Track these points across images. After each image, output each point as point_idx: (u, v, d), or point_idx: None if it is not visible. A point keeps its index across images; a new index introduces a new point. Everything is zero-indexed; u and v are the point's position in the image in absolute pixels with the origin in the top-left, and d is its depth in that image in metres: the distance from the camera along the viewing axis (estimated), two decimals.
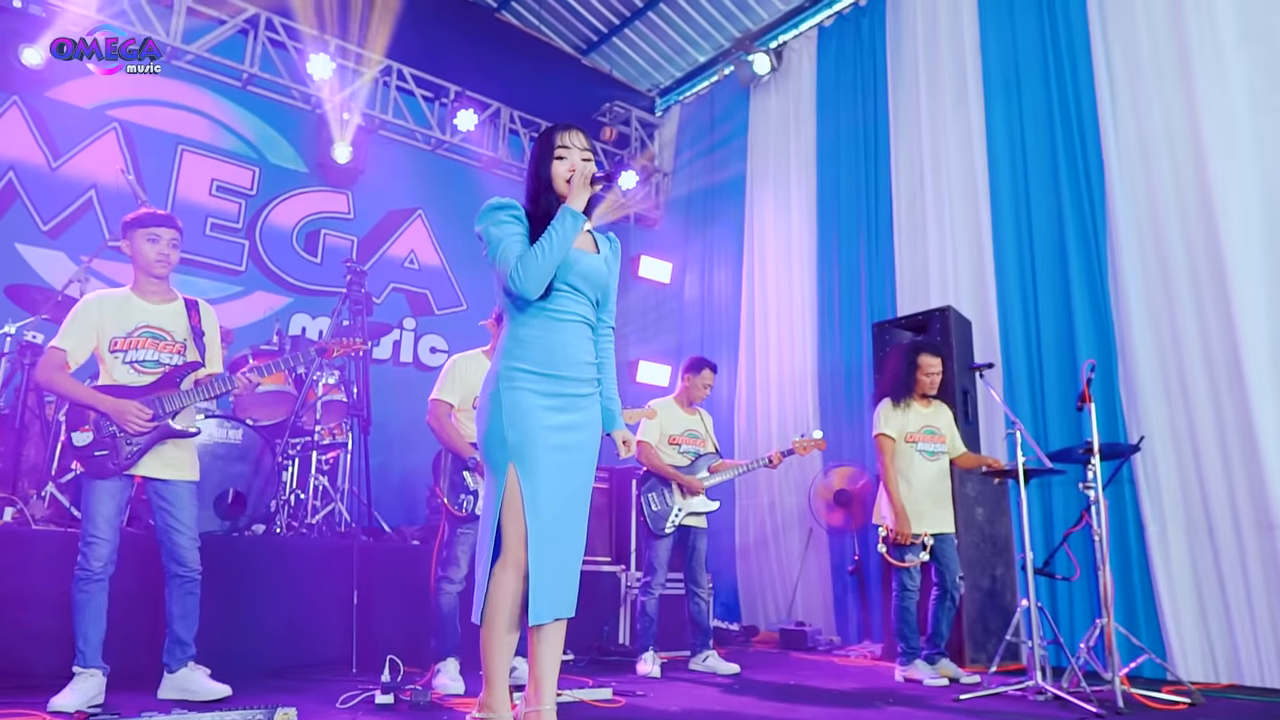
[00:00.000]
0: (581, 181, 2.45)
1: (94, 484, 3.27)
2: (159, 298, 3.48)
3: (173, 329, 3.47)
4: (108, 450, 3.26)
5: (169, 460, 3.38)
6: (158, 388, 3.37)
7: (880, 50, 7.25)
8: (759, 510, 7.44)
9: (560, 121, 2.62)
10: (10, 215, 5.83)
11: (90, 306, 3.39)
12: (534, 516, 2.32)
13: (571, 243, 2.42)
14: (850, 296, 7.01)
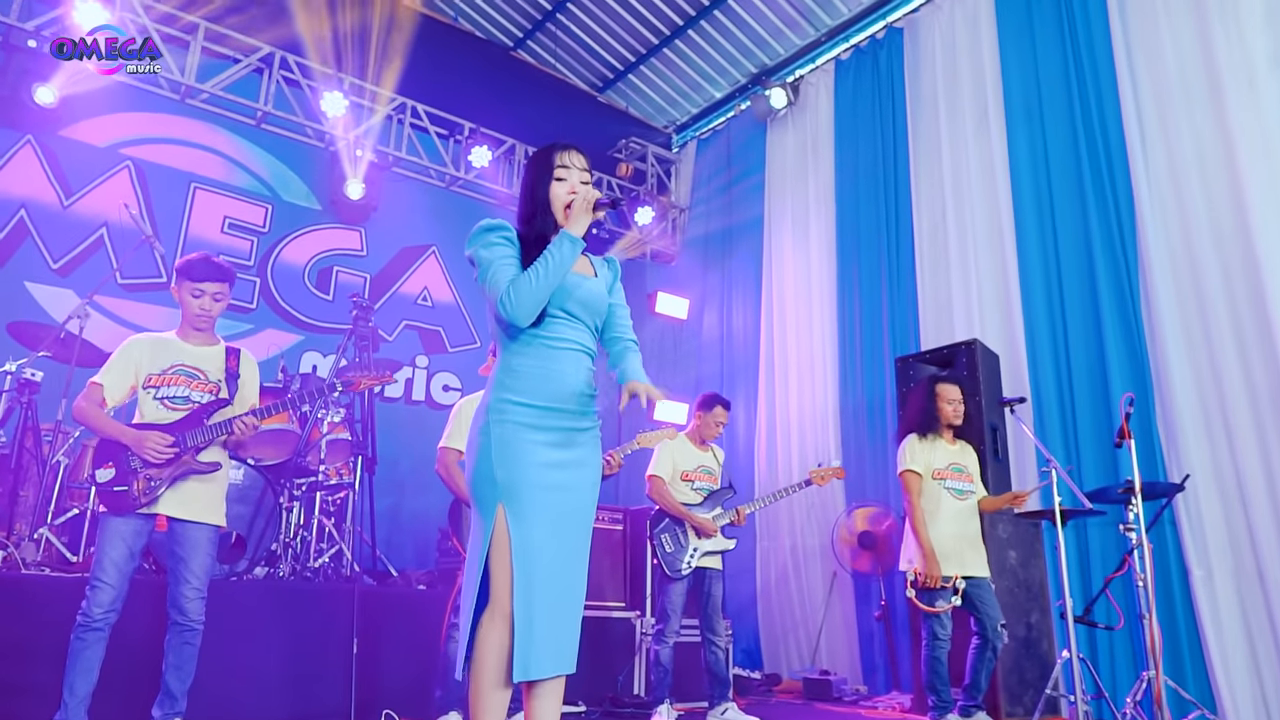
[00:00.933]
0: (584, 207, 2.31)
1: (107, 524, 3.14)
2: (200, 341, 3.45)
3: (208, 369, 3.41)
4: (127, 485, 3.15)
5: (191, 499, 3.25)
6: (184, 425, 3.27)
7: (898, 82, 7.16)
8: (780, 552, 7.19)
9: (559, 141, 2.48)
10: (20, 253, 5.80)
11: (133, 345, 3.38)
12: (523, 563, 2.13)
13: (567, 269, 2.26)
14: (872, 331, 6.82)
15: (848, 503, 6.39)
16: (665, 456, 4.72)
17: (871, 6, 7.61)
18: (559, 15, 8.56)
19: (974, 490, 4.43)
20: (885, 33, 7.44)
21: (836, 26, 7.92)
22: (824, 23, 7.96)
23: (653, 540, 4.59)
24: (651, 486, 4.66)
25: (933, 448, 4.46)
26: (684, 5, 8.16)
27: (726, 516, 4.70)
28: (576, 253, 2.27)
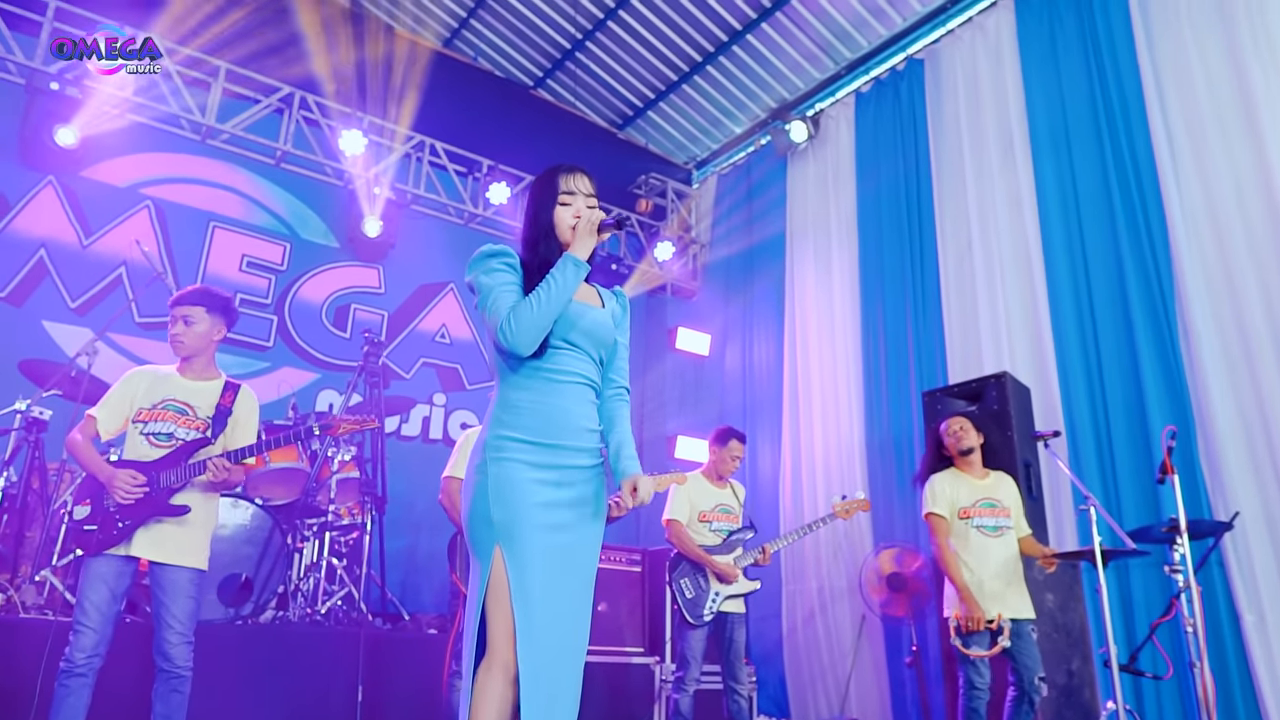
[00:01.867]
0: (587, 229, 2.21)
1: (88, 565, 3.06)
2: (196, 375, 3.37)
3: (199, 405, 3.31)
4: (97, 524, 3.07)
5: (166, 540, 3.14)
6: (164, 463, 3.19)
7: (920, 113, 7.06)
8: (807, 595, 6.96)
9: (564, 163, 2.38)
10: (39, 293, 5.81)
11: (133, 377, 3.32)
12: (523, 609, 1.99)
13: (571, 294, 2.16)
14: (898, 364, 6.65)
15: (875, 542, 6.17)
16: (681, 497, 4.55)
17: (891, 39, 7.56)
18: (578, 54, 8.60)
19: (1010, 526, 4.20)
20: (905, 64, 7.37)
21: (856, 59, 7.87)
22: (843, 56, 7.92)
23: (672, 585, 4.41)
24: (670, 531, 4.49)
25: (956, 485, 4.27)
26: (702, 42, 8.16)
27: (749, 557, 4.51)
28: (580, 277, 2.17)
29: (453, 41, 8.81)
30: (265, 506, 4.43)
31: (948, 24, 7.12)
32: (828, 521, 4.77)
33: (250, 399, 3.46)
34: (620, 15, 8.08)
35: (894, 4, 7.33)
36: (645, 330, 8.80)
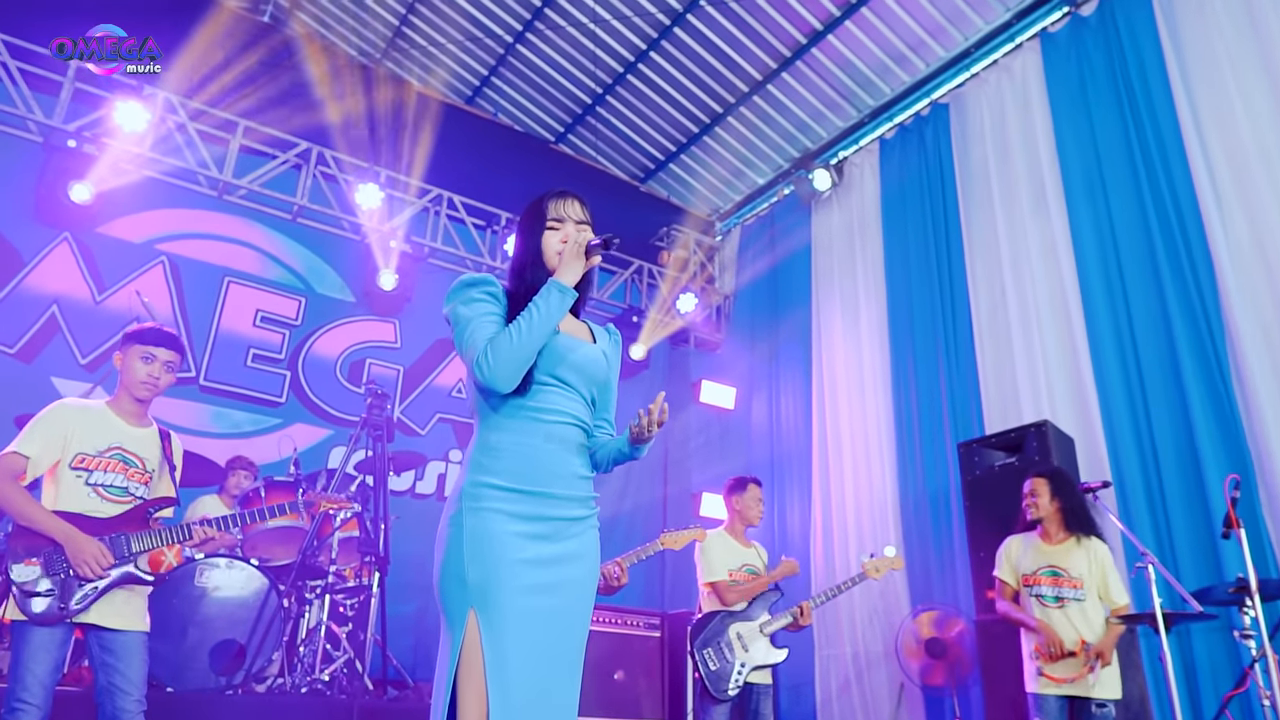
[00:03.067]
0: (575, 251, 2.00)
1: (30, 634, 2.74)
2: (135, 419, 3.07)
3: (146, 456, 3.05)
4: (55, 592, 2.76)
5: (121, 608, 2.90)
6: (125, 522, 2.94)
7: (946, 158, 6.89)
8: (841, 662, 6.56)
9: (555, 189, 2.20)
10: (49, 349, 5.75)
11: (63, 411, 2.96)
12: (499, 685, 1.73)
13: (556, 323, 1.95)
14: (931, 416, 6.35)
15: (913, 605, 5.81)
16: (714, 556, 4.26)
17: (916, 84, 7.43)
18: (599, 108, 8.58)
19: (1076, 598, 3.84)
20: (930, 109, 7.22)
21: (880, 106, 7.74)
22: (866, 104, 7.80)
23: (694, 655, 4.07)
24: (718, 593, 4.22)
25: (1025, 549, 4.00)
26: (723, 93, 8.11)
27: (779, 621, 4.18)
28: (566, 304, 1.96)
29: (474, 99, 8.85)
30: (263, 567, 4.22)
31: (972, 68, 6.98)
32: (858, 581, 4.46)
33: (179, 448, 3.24)
34: (640, 69, 8.06)
35: (917, 50, 7.22)
36: (668, 383, 8.58)
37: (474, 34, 8.20)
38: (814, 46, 7.40)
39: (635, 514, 7.54)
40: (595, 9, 7.61)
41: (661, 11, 7.48)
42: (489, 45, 8.29)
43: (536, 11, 7.79)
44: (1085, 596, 3.85)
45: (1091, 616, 3.82)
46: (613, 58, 8.04)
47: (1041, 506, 4.00)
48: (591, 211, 2.18)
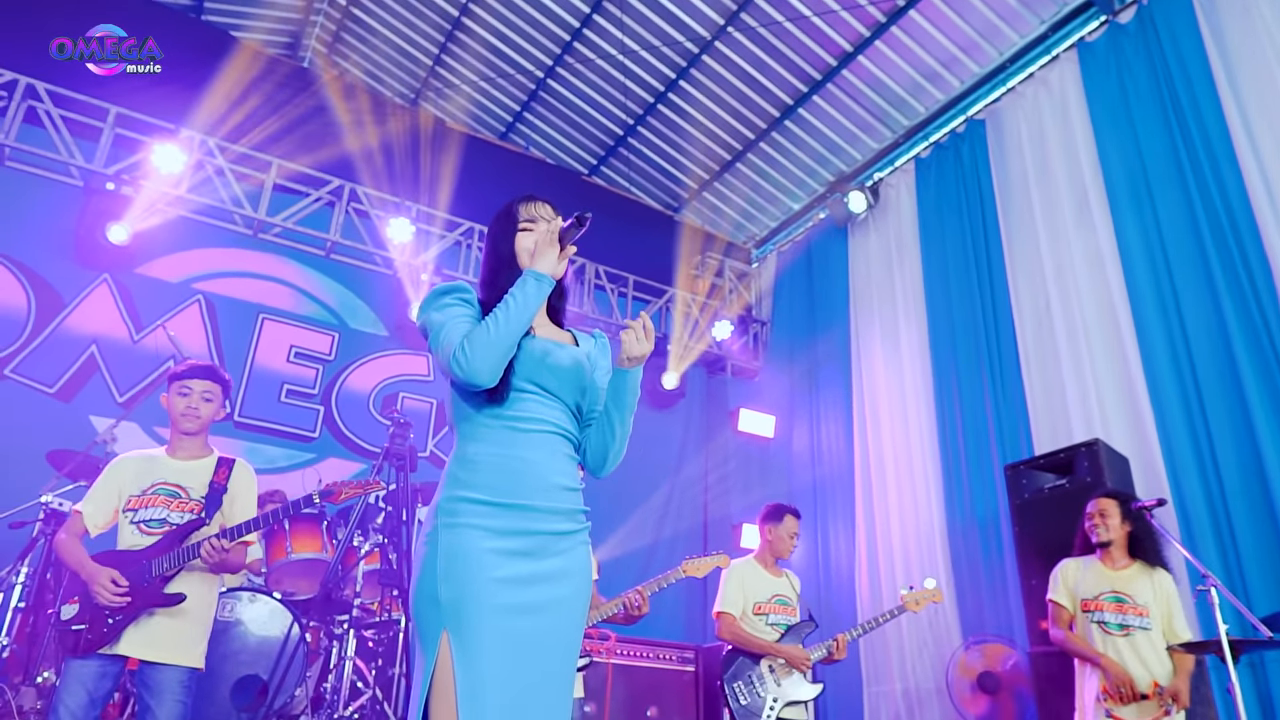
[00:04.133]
0: (548, 239, 1.90)
1: (68, 667, 2.81)
2: (188, 454, 3.17)
3: (191, 486, 3.10)
4: (86, 623, 2.83)
5: (158, 636, 2.88)
6: (157, 550, 2.96)
7: (984, 174, 6.72)
8: (890, 699, 6.27)
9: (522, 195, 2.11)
10: (88, 388, 5.82)
11: (116, 466, 3.14)
12: (472, 710, 1.60)
13: (533, 312, 1.84)
14: (977, 438, 6.11)
15: (964, 637, 5.53)
16: (734, 587, 4.05)
17: (950, 102, 7.30)
18: (631, 139, 8.59)
19: (1144, 626, 3.58)
20: (966, 126, 7.08)
21: (914, 126, 7.61)
22: (900, 124, 7.68)
23: (724, 689, 3.87)
24: (721, 625, 3.99)
25: (1083, 572, 3.74)
26: (754, 119, 8.05)
27: (813, 654, 3.97)
28: (543, 293, 1.86)
29: (508, 135, 8.92)
30: (287, 601, 4.14)
31: (1008, 82, 6.84)
32: (896, 614, 4.23)
33: (247, 473, 3.25)
34: (670, 98, 8.05)
35: (950, 67, 7.10)
36: (706, 412, 8.44)
37: (505, 70, 8.29)
38: (844, 68, 7.32)
39: (675, 542, 7.37)
40: (624, 40, 7.64)
41: (690, 40, 7.47)
42: (521, 81, 8.37)
43: (566, 45, 7.85)
44: (1152, 626, 3.59)
45: (1160, 648, 3.56)
46: (643, 88, 8.04)
47: (1112, 529, 3.74)
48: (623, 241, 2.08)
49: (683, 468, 8.03)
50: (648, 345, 1.90)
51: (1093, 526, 3.77)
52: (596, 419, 1.98)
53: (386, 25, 8.40)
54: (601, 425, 1.97)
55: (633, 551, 7.05)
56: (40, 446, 4.73)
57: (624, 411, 1.97)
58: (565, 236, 1.92)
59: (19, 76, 5.88)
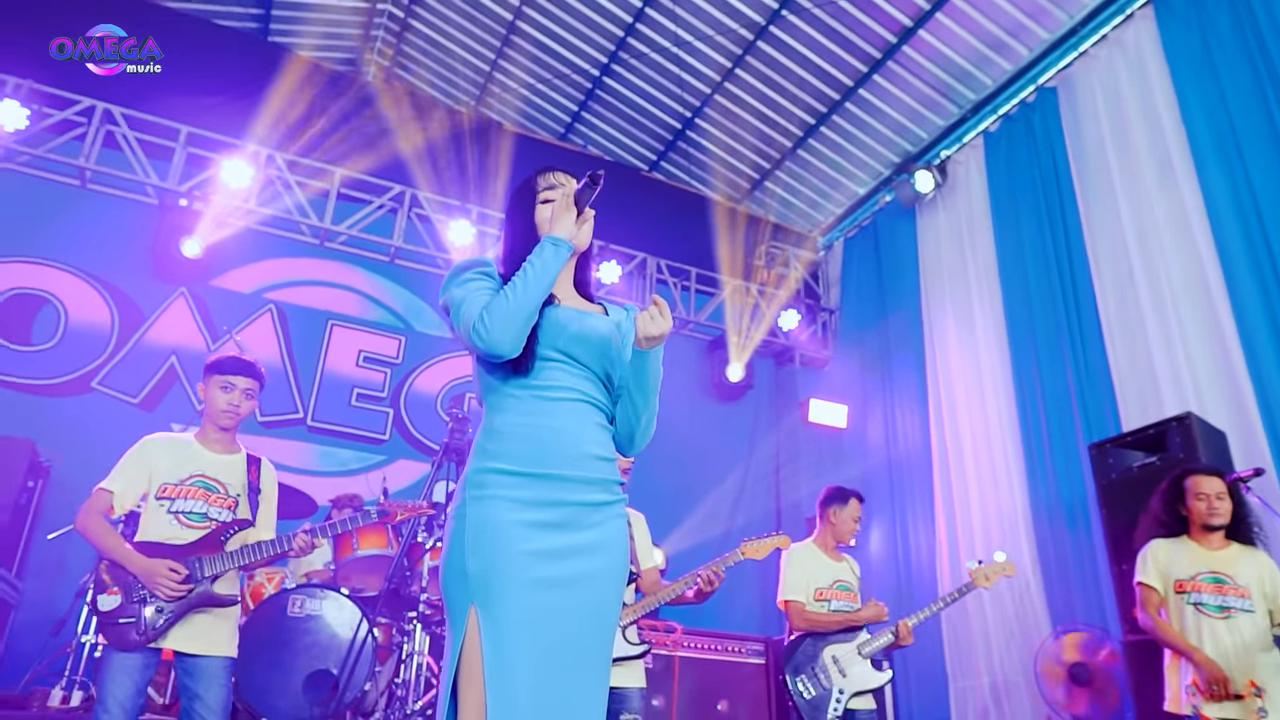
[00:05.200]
0: (564, 203, 1.84)
1: (112, 658, 2.82)
2: (222, 448, 3.16)
3: (229, 481, 3.11)
4: (133, 618, 2.83)
5: (201, 632, 2.92)
6: (200, 547, 2.97)
7: (1058, 144, 6.43)
8: (978, 693, 6.01)
9: None
10: (170, 397, 6.03)
11: (147, 446, 3.07)
12: (500, 691, 1.54)
13: (553, 276, 1.78)
14: (1060, 418, 5.83)
15: (1053, 626, 5.27)
16: (796, 572, 3.88)
17: (1018, 72, 6.99)
18: (689, 132, 8.50)
19: (1245, 608, 3.32)
20: (1036, 95, 6.79)
21: (981, 100, 7.32)
22: (967, 98, 7.39)
23: (787, 683, 3.70)
24: (791, 614, 3.83)
25: (1176, 551, 3.47)
26: (814, 103, 7.87)
27: (879, 640, 3.80)
28: (561, 257, 1.79)
29: (566, 135, 8.94)
30: (355, 597, 4.19)
31: (1080, 46, 6.52)
32: (965, 592, 4.03)
33: (272, 473, 3.27)
34: (727, 88, 7.94)
35: (1017, 35, 6.80)
36: (775, 404, 8.28)
37: (561, 70, 8.31)
38: (905, 44, 7.09)
39: (748, 529, 7.23)
40: (677, 32, 7.56)
41: (743, 26, 7.35)
42: (576, 80, 8.38)
43: (620, 42, 7.81)
44: (1255, 608, 3.32)
45: (1265, 632, 3.29)
46: (699, 79, 7.95)
47: (1226, 512, 3.47)
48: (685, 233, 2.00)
49: (753, 459, 7.90)
50: (665, 324, 1.81)
51: (1211, 510, 3.47)
52: (622, 396, 1.91)
53: (443, 34, 8.51)
54: (625, 404, 1.89)
55: (705, 541, 6.94)
56: None
57: (647, 392, 1.89)
58: (581, 199, 1.86)
59: (96, 102, 6.14)
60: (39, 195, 6.07)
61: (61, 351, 5.87)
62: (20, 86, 5.88)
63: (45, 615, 4.86)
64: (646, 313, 1.81)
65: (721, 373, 7.72)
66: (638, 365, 1.86)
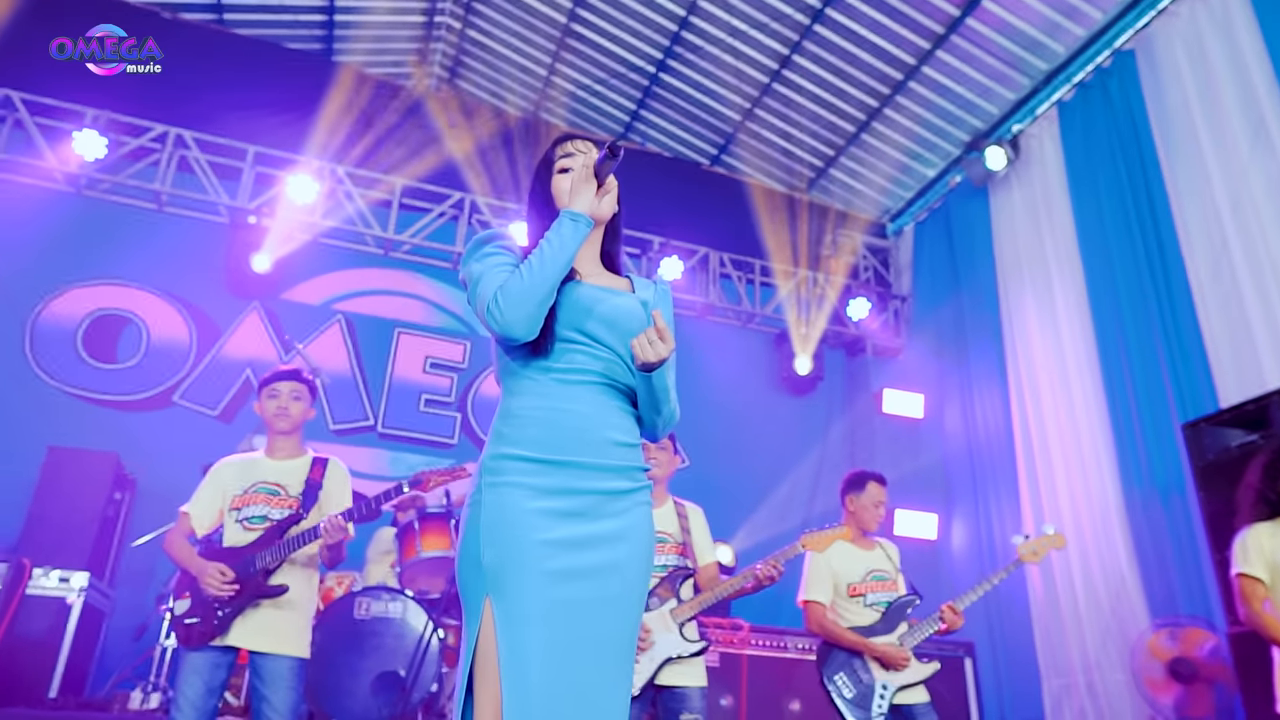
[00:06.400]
0: (582, 175, 1.75)
1: (184, 659, 2.98)
2: (285, 455, 3.31)
3: (288, 484, 3.23)
4: (198, 617, 2.98)
5: (265, 627, 3.00)
6: (259, 545, 3.09)
7: (1138, 110, 6.09)
8: (1075, 693, 5.70)
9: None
10: (247, 408, 6.21)
11: (219, 469, 3.30)
12: (515, 682, 1.47)
13: (571, 254, 1.69)
14: (1152, 398, 5.50)
15: (1151, 619, 4.95)
16: (818, 572, 3.65)
17: (1092, 36, 6.64)
18: (749, 123, 8.35)
19: None
20: (1113, 60, 6.44)
21: (1053, 69, 6.98)
22: (1037, 69, 7.06)
23: (826, 686, 3.50)
24: (808, 617, 3.61)
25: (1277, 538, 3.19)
26: (877, 85, 7.63)
27: (923, 631, 3.55)
28: (580, 233, 1.71)
29: (626, 135, 8.90)
30: (421, 599, 4.21)
31: (1158, 4, 6.15)
32: (1016, 567, 3.78)
33: (340, 471, 3.35)
34: (785, 75, 7.77)
35: None
36: (847, 395, 8.06)
37: (617, 70, 8.28)
38: (969, 16, 6.81)
39: (825, 519, 7.04)
40: (731, 22, 7.44)
41: (798, 11, 7.19)
42: (633, 79, 8.33)
43: (675, 36, 7.73)
44: None
45: None
46: (756, 69, 7.81)
47: None
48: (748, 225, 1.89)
49: (828, 451, 7.70)
50: (662, 349, 1.67)
51: None
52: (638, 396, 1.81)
53: (499, 41, 8.57)
54: (641, 405, 1.80)
55: (781, 534, 6.75)
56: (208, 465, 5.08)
57: (658, 406, 1.78)
58: (601, 171, 1.77)
59: (169, 128, 6.38)
60: (119, 220, 6.35)
61: (144, 368, 6.12)
62: (98, 117, 6.15)
63: (136, 622, 5.06)
64: (644, 336, 1.68)
65: (790, 366, 7.56)
66: (642, 386, 1.75)
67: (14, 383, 5.77)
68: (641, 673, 3.01)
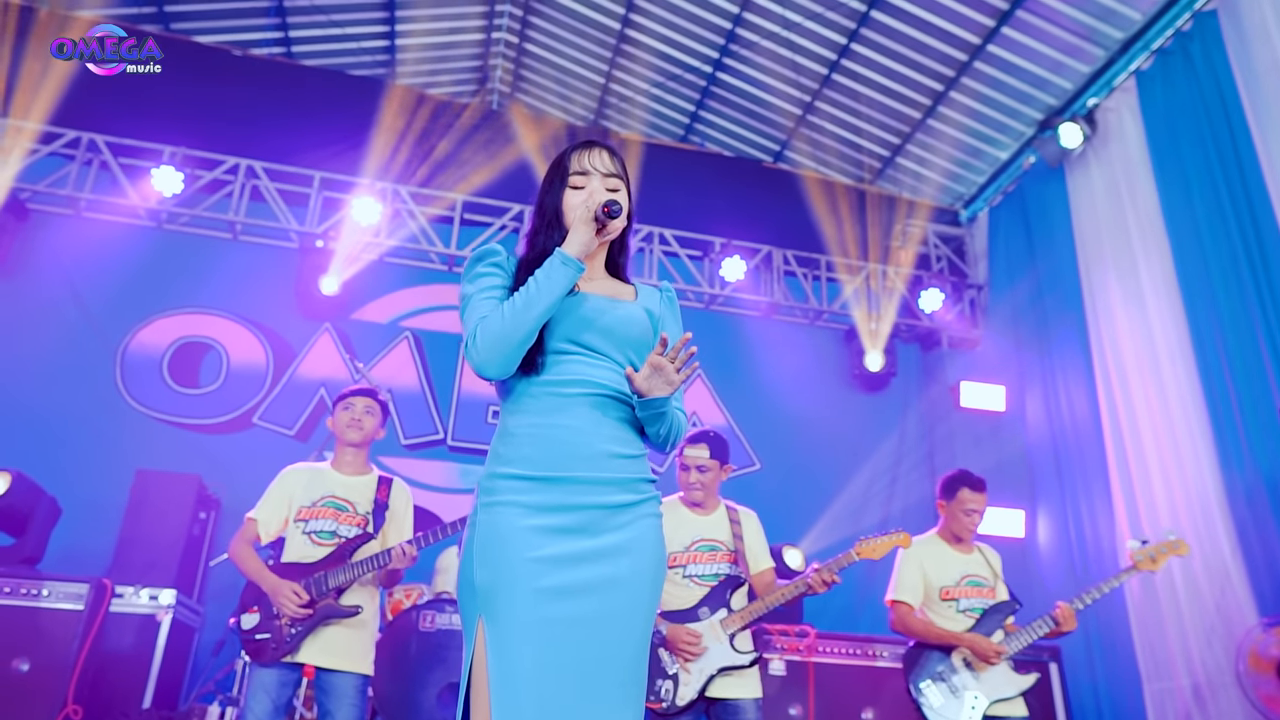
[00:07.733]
0: (584, 216, 1.70)
1: (254, 675, 3.05)
2: (352, 470, 3.37)
3: (357, 501, 3.29)
4: (269, 634, 3.04)
5: (334, 645, 3.06)
6: (328, 562, 3.15)
7: (1224, 73, 5.71)
8: (1179, 696, 5.36)
9: (581, 141, 1.92)
10: (322, 426, 6.38)
11: (286, 475, 3.35)
12: (504, 704, 1.44)
13: (555, 299, 1.66)
14: (1251, 383, 5.14)
15: (1261, 617, 4.62)
16: (910, 571, 3.53)
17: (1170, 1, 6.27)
18: (810, 117, 8.19)
19: None
20: (1193, 22, 6.07)
21: (1129, 37, 6.61)
22: (1112, 38, 6.70)
23: (913, 695, 3.37)
24: (893, 616, 3.50)
25: None
26: (940, 68, 7.38)
27: (1026, 637, 3.38)
28: (570, 278, 1.67)
29: (686, 137, 8.85)
30: None
31: None
32: (1125, 577, 3.55)
33: (405, 493, 3.41)
34: (845, 65, 7.59)
35: None
36: (923, 390, 7.80)
37: (674, 72, 8.23)
38: None
39: (904, 516, 6.86)
40: (785, 15, 7.31)
41: None
42: (691, 80, 8.27)
43: (729, 35, 7.65)
44: None
45: None
46: (814, 60, 7.65)
47: None
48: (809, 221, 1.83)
49: (905, 448, 7.47)
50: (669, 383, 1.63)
51: None
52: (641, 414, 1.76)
53: (557, 53, 8.63)
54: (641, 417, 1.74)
55: (858, 531, 6.55)
56: None
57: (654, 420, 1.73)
58: (601, 221, 1.73)
59: (240, 160, 6.63)
60: (197, 250, 6.63)
61: (225, 392, 6.36)
62: (175, 154, 6.43)
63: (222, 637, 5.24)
64: (647, 367, 1.63)
65: (861, 363, 7.37)
66: (645, 414, 1.70)
67: (107, 411, 6.07)
68: (690, 684, 2.95)
